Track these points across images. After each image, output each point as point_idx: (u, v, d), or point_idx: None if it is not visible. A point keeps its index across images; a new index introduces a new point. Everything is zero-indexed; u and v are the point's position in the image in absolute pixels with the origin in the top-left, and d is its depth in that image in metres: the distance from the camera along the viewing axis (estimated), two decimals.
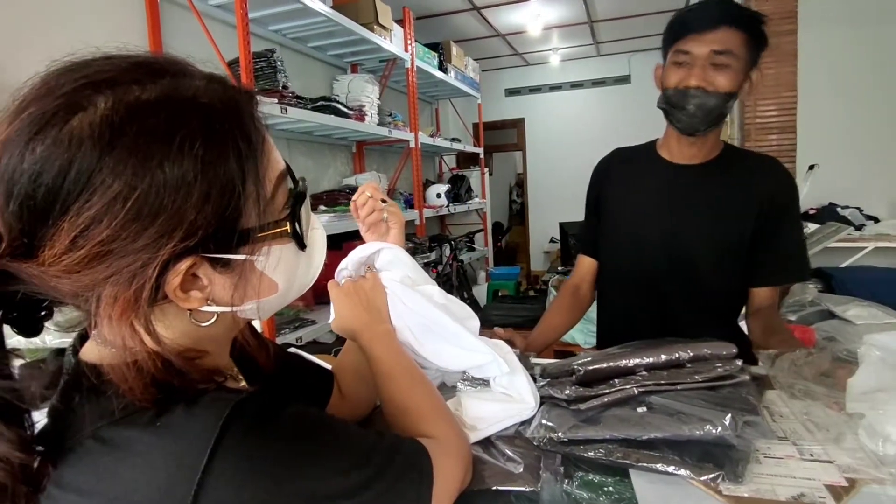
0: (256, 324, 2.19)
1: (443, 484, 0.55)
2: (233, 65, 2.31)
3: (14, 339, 0.45)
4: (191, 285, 0.44)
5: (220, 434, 0.40)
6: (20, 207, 0.39)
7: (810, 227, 3.19)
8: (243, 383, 0.59)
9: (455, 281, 4.41)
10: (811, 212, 3.58)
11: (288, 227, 0.48)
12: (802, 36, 2.75)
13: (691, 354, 0.82)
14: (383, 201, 0.84)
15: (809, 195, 3.29)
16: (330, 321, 0.76)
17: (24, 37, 1.83)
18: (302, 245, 0.50)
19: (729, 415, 0.65)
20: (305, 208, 0.52)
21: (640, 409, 0.71)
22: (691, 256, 1.18)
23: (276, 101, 2.39)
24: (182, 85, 0.42)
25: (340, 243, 3.21)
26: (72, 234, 0.38)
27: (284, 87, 2.52)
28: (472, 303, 4.62)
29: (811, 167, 3.19)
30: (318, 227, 0.57)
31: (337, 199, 3.16)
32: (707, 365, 0.81)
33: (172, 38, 2.39)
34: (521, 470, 0.67)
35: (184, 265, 0.41)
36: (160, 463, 0.40)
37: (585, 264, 1.39)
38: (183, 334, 0.47)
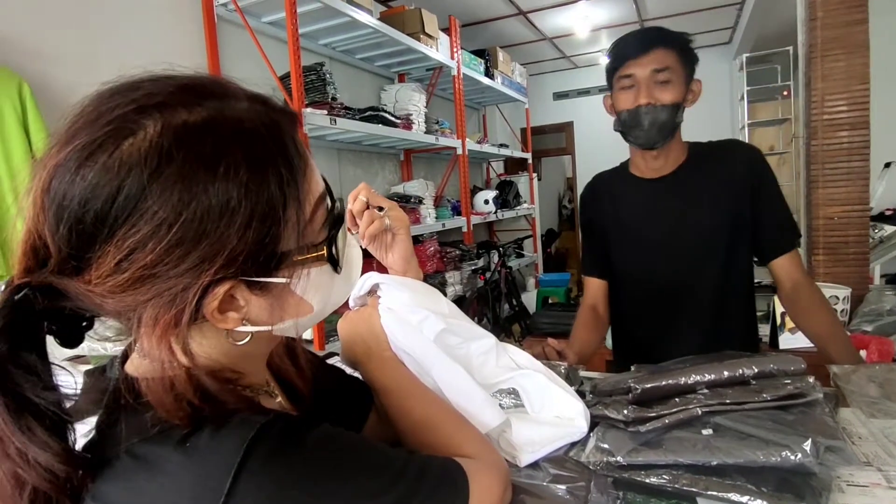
0: (308, 331, 2.21)
1: (479, 502, 0.52)
2: (284, 79, 2.38)
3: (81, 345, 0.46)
4: (228, 306, 0.44)
5: (243, 456, 0.39)
6: (69, 231, 0.40)
7: (888, 230, 2.96)
8: (279, 399, 0.58)
9: (503, 287, 4.36)
10: (888, 212, 3.33)
11: (325, 252, 0.48)
12: (874, 24, 2.56)
13: (756, 370, 0.76)
14: (379, 208, 0.76)
15: (886, 195, 3.07)
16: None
17: (95, 58, 1.96)
18: (337, 268, 0.50)
19: (809, 440, 0.60)
20: (344, 230, 0.52)
21: (705, 432, 0.66)
22: (694, 262, 1.24)
23: (325, 112, 2.44)
24: (227, 107, 0.43)
25: None
26: (117, 257, 0.39)
27: (333, 99, 2.57)
28: (522, 310, 4.56)
29: (887, 165, 2.98)
30: (354, 244, 0.57)
31: None
32: (774, 382, 0.75)
33: (229, 55, 2.50)
34: (569, 492, 0.64)
35: (222, 289, 0.42)
36: (186, 484, 0.40)
37: (594, 286, 1.42)
38: (220, 352, 0.48)
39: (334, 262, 0.49)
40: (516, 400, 0.79)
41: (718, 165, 1.25)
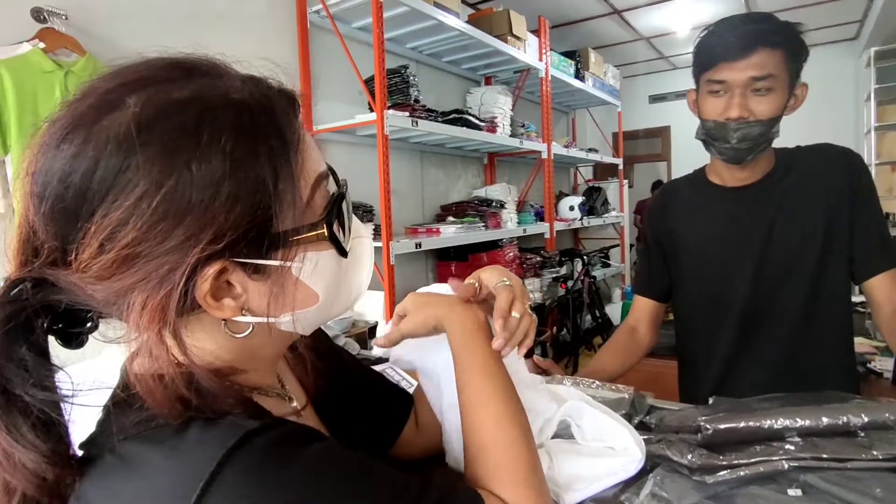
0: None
1: None
2: (369, 82, 2.43)
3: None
4: (224, 293, 0.42)
5: (217, 466, 0.36)
6: (51, 209, 0.38)
7: None
8: (295, 404, 0.55)
9: (586, 298, 4.19)
10: None
11: (325, 231, 0.44)
12: None
13: (866, 420, 0.64)
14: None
15: None
16: (380, 335, 0.66)
17: None
18: (342, 251, 0.46)
19: None
20: (349, 215, 0.48)
21: (791, 492, 0.55)
22: (777, 279, 1.08)
23: (407, 114, 2.46)
24: (216, 84, 0.41)
25: (466, 255, 3.21)
26: (100, 237, 0.37)
27: (416, 101, 2.59)
28: (605, 322, 4.37)
29: None
30: (366, 236, 0.53)
31: (465, 210, 3.18)
32: (889, 436, 0.62)
33: (320, 60, 2.60)
34: None
35: (212, 270, 0.39)
36: (162, 487, 0.37)
37: (641, 304, 1.31)
38: (221, 347, 0.45)
39: (337, 243, 0.45)
40: (563, 430, 0.72)
41: (811, 172, 1.07)
